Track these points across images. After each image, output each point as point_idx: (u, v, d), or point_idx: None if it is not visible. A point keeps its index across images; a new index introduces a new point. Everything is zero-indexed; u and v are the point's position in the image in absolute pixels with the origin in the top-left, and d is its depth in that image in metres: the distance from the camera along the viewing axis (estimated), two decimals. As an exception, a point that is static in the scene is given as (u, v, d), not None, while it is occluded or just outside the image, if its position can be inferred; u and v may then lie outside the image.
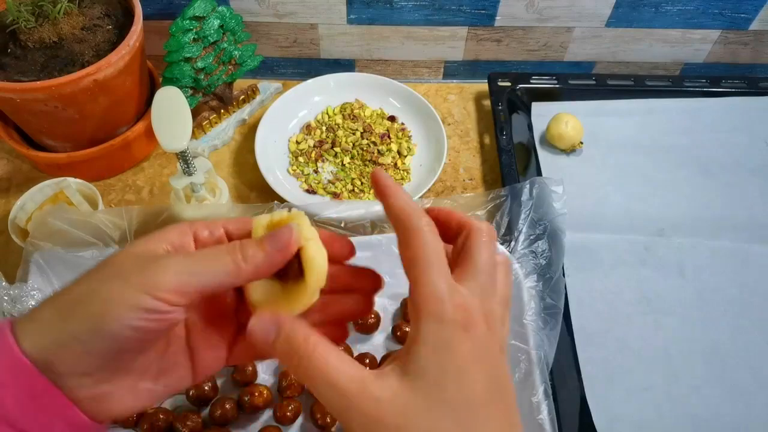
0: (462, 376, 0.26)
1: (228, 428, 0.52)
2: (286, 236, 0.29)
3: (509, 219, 0.62)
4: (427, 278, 0.28)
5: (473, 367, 0.27)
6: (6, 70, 0.59)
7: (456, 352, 0.27)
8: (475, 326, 0.27)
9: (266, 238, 0.29)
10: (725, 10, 0.79)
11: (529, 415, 0.49)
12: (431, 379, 0.26)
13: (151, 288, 0.27)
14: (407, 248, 0.29)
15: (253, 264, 0.29)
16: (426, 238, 0.29)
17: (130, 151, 0.71)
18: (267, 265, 0.29)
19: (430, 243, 0.29)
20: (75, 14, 0.62)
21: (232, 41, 0.72)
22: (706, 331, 0.61)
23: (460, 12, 0.77)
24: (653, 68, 0.87)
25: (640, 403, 0.56)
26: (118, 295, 0.27)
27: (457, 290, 0.28)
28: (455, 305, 0.27)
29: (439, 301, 0.27)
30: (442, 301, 0.27)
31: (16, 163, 0.73)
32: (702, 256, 0.66)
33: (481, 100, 0.82)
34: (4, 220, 0.63)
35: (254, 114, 0.79)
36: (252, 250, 0.29)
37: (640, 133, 0.77)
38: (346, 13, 0.77)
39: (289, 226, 0.30)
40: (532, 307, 0.54)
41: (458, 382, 0.26)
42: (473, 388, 0.27)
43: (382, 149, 0.74)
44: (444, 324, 0.27)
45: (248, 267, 0.29)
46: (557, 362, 0.53)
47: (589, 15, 0.78)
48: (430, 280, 0.28)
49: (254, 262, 0.29)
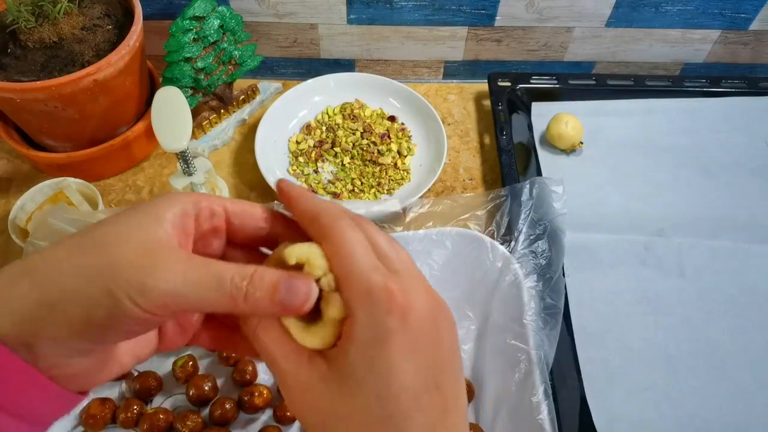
0: (391, 369, 0.26)
1: (228, 428, 0.52)
2: (302, 294, 0.26)
3: (509, 219, 0.62)
4: (355, 270, 0.26)
5: (405, 358, 0.26)
6: (6, 70, 0.59)
7: (388, 345, 0.26)
8: (412, 312, 0.26)
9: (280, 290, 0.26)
10: (725, 10, 0.78)
11: (529, 415, 0.49)
12: (359, 374, 0.26)
13: (140, 298, 0.25)
14: (327, 248, 0.28)
15: (253, 306, 0.26)
16: (344, 232, 0.27)
17: (130, 151, 0.71)
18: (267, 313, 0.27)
19: (350, 234, 0.27)
20: (75, 14, 0.62)
21: (232, 41, 0.72)
22: (706, 331, 0.61)
23: (460, 12, 0.77)
24: (653, 68, 0.87)
25: (640, 403, 0.56)
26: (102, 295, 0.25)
27: (389, 278, 0.26)
28: (389, 293, 0.26)
29: (371, 292, 0.26)
30: (374, 291, 0.26)
31: (16, 163, 0.73)
32: (702, 256, 0.66)
33: (481, 100, 0.82)
34: (4, 220, 0.63)
35: (254, 114, 0.79)
36: (259, 294, 0.26)
37: (640, 133, 0.77)
38: (346, 13, 0.77)
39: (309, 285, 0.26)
40: (532, 307, 0.54)
41: (386, 377, 0.26)
42: (402, 381, 0.26)
43: (382, 149, 0.74)
44: (377, 316, 0.26)
45: (246, 307, 0.26)
46: (557, 362, 0.53)
47: (589, 15, 0.78)
48: (359, 271, 0.26)
49: (255, 305, 0.26)
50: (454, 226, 0.62)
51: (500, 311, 0.56)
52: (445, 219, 0.63)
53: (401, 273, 0.27)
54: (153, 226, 0.26)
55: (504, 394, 0.52)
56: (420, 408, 0.26)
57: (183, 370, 0.54)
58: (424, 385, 0.26)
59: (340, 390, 0.26)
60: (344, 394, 0.26)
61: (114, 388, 0.55)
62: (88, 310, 0.25)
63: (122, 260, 0.25)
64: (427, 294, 0.28)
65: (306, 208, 0.29)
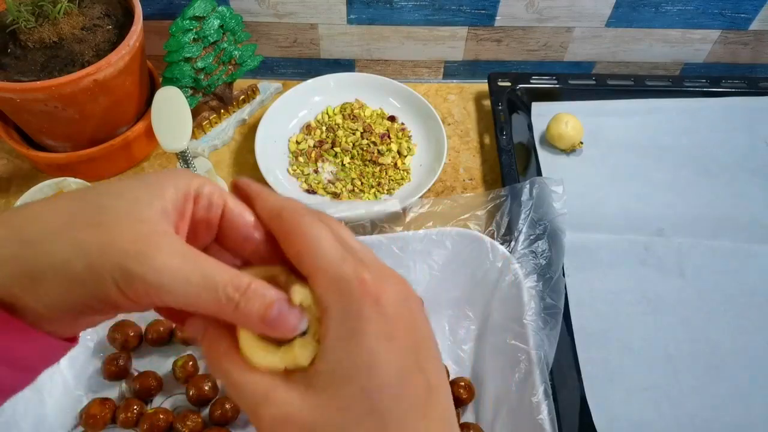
0: (373, 358, 0.25)
1: (228, 428, 0.52)
2: (291, 324, 0.26)
3: (509, 219, 0.62)
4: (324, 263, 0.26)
5: (385, 346, 0.25)
6: (6, 70, 0.59)
7: (366, 335, 0.25)
8: (385, 298, 0.26)
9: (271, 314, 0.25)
10: (725, 10, 0.78)
11: (529, 416, 0.49)
12: (341, 372, 0.25)
13: (125, 286, 0.24)
14: (293, 243, 0.27)
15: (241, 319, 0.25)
16: (309, 226, 0.27)
17: (130, 151, 0.71)
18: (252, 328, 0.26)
19: (315, 229, 0.27)
20: (75, 14, 0.62)
21: (232, 41, 0.72)
22: (706, 331, 0.61)
23: (460, 12, 0.77)
24: (653, 68, 0.87)
25: (640, 403, 0.56)
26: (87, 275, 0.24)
27: (359, 267, 0.26)
28: (360, 282, 0.26)
29: (342, 282, 0.26)
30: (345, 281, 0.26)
31: (16, 163, 0.73)
32: (702, 256, 0.66)
33: (481, 100, 0.82)
34: (4, 220, 0.63)
35: (254, 114, 0.79)
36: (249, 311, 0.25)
37: (640, 133, 0.77)
38: (346, 13, 0.77)
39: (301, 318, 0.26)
40: (532, 307, 0.54)
41: (369, 367, 0.25)
42: (386, 369, 0.25)
43: (382, 149, 0.74)
44: (352, 306, 0.25)
45: (233, 317, 0.25)
46: (557, 362, 0.53)
47: (589, 15, 0.78)
48: (328, 263, 0.26)
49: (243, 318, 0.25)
50: (454, 226, 0.62)
51: (500, 311, 0.56)
52: (445, 219, 0.63)
53: (368, 263, 0.27)
54: (152, 204, 0.26)
55: (504, 394, 0.52)
56: (407, 392, 0.26)
57: (183, 369, 0.54)
58: (407, 369, 0.26)
59: (325, 396, 0.25)
60: (331, 398, 0.25)
61: (114, 388, 0.55)
62: (70, 287, 0.24)
63: (114, 242, 0.24)
64: (396, 280, 0.28)
65: (266, 206, 0.28)
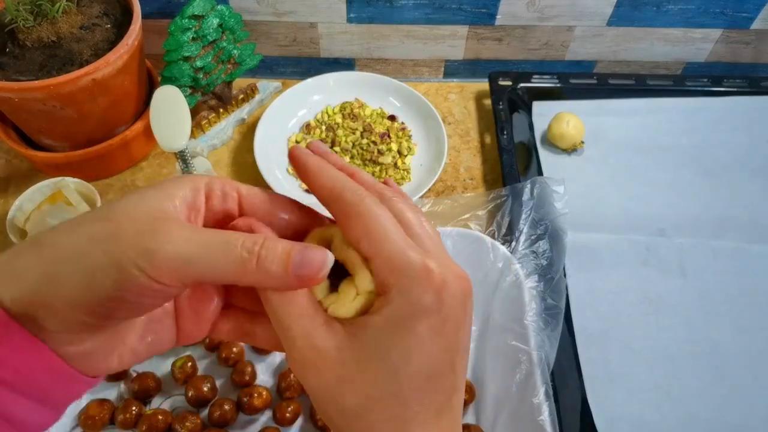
0: (416, 348, 0.25)
1: (227, 430, 0.52)
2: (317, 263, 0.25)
3: (510, 219, 0.62)
4: (389, 248, 0.26)
5: (432, 340, 0.26)
6: (4, 69, 0.59)
7: (419, 324, 0.25)
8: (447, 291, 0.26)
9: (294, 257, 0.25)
10: (727, 9, 0.78)
11: (530, 416, 0.49)
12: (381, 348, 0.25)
13: (146, 264, 0.24)
14: (354, 227, 0.26)
15: (265, 274, 0.25)
16: (371, 207, 0.26)
17: (129, 151, 0.71)
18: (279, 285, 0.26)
19: (379, 213, 0.26)
20: (73, 13, 0.62)
21: (231, 40, 0.71)
22: (708, 332, 0.61)
23: (461, 11, 0.77)
24: (654, 67, 0.87)
25: (641, 404, 0.56)
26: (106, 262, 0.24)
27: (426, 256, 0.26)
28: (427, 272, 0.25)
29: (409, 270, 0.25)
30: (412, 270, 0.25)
31: (14, 163, 0.72)
32: (703, 256, 0.66)
33: (482, 100, 0.82)
34: (2, 220, 0.63)
35: (253, 113, 0.79)
36: (271, 261, 0.25)
37: (642, 133, 0.76)
38: (345, 12, 0.77)
39: (324, 254, 0.25)
40: (533, 308, 0.54)
41: (408, 355, 0.25)
42: (424, 360, 0.25)
43: (382, 149, 0.73)
44: (414, 294, 0.25)
45: (258, 275, 0.25)
46: (558, 363, 0.53)
47: (590, 14, 0.78)
48: (394, 250, 0.26)
49: (267, 274, 0.25)
50: (455, 226, 0.62)
51: (501, 312, 0.56)
52: (445, 219, 0.63)
53: (432, 252, 0.27)
54: (162, 200, 0.26)
55: (505, 395, 0.52)
56: (435, 388, 0.26)
57: (182, 370, 0.54)
58: (443, 366, 0.26)
59: (355, 358, 0.26)
60: (360, 362, 0.26)
61: (112, 389, 0.54)
62: (91, 278, 0.24)
63: (127, 228, 0.24)
64: (458, 274, 0.27)
65: (326, 183, 0.28)
